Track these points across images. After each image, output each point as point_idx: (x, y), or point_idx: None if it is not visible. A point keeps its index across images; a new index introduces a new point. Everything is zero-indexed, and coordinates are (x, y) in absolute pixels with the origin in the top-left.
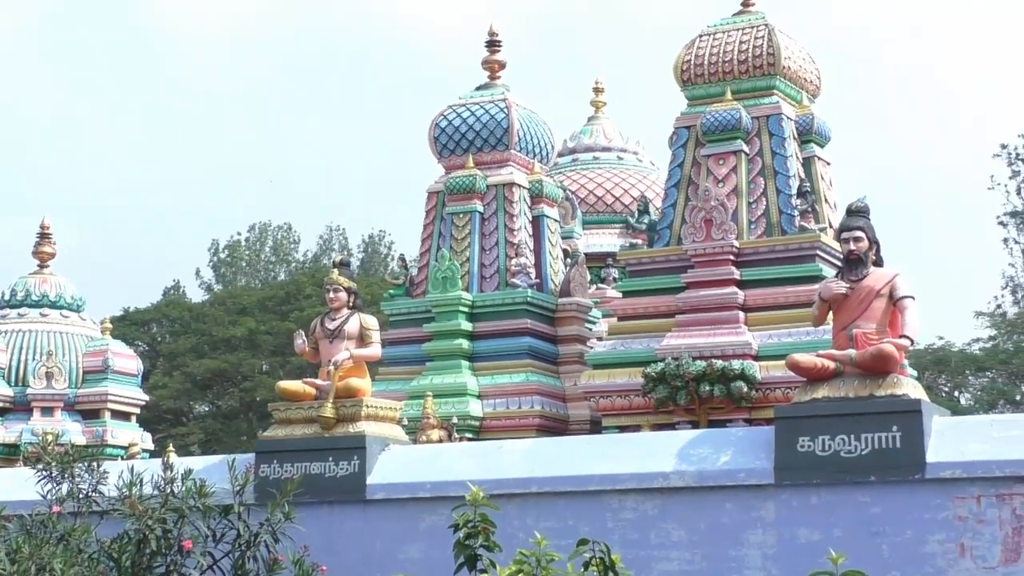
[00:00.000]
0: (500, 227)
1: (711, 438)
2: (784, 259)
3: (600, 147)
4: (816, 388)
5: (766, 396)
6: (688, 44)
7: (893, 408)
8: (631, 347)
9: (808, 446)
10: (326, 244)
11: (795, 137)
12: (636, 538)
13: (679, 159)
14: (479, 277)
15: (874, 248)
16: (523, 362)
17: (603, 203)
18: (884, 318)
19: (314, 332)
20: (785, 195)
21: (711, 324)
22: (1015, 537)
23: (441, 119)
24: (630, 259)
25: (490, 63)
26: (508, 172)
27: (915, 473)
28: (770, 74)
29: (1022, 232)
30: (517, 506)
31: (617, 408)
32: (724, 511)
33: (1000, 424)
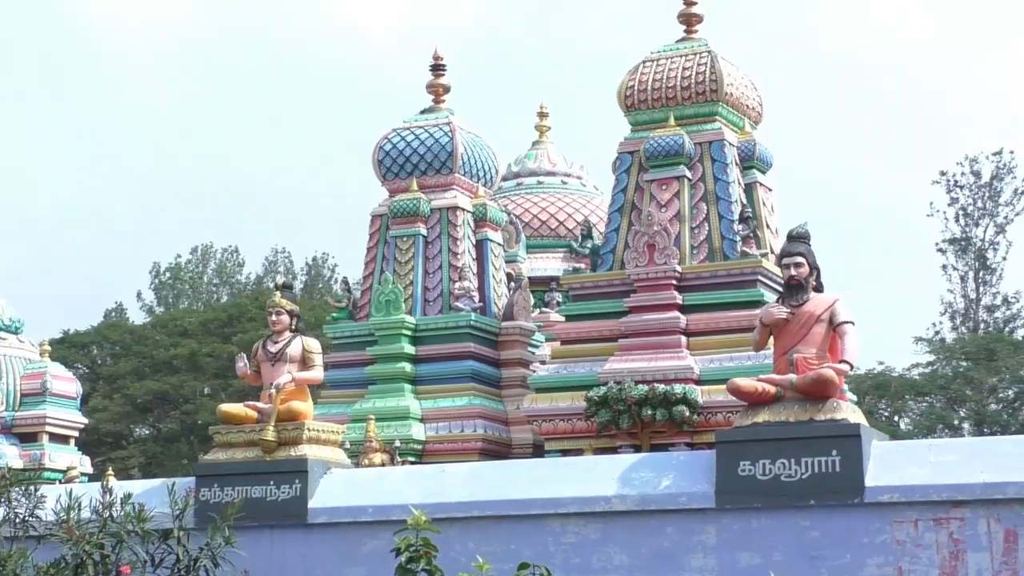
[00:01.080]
0: (444, 251)
1: (653, 462)
2: (726, 284)
3: (544, 171)
4: (757, 413)
5: (708, 420)
6: (631, 70)
7: (833, 432)
8: (574, 371)
9: (749, 470)
10: (271, 266)
11: (737, 163)
12: (578, 562)
13: (622, 184)
14: (422, 300)
15: (814, 274)
16: (466, 386)
17: (547, 227)
18: (824, 343)
19: (256, 355)
20: (727, 220)
21: (653, 348)
22: (952, 561)
23: (385, 142)
24: (573, 283)
25: (435, 87)
26: (452, 196)
27: (854, 497)
28: (713, 100)
29: (960, 259)
30: (459, 530)
31: (560, 432)
32: (665, 535)
33: (938, 449)
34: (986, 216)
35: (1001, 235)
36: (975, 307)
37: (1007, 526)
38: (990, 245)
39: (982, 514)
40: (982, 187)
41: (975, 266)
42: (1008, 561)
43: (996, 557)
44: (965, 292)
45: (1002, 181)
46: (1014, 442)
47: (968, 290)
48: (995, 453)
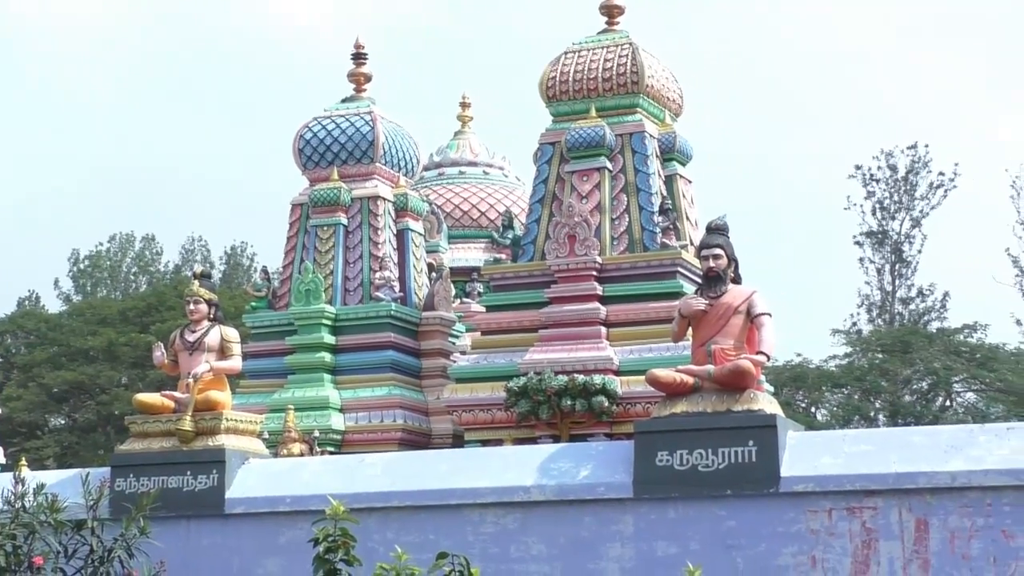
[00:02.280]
0: (364, 240)
1: (572, 452)
2: (646, 275)
3: (466, 162)
4: (675, 403)
5: (627, 411)
6: (553, 61)
7: (749, 423)
8: (494, 361)
9: (667, 460)
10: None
11: (658, 155)
12: (496, 552)
13: (543, 175)
14: (343, 290)
15: (733, 265)
16: (386, 376)
17: (469, 218)
18: (742, 334)
19: (173, 344)
20: (647, 212)
21: (573, 339)
22: (864, 550)
23: (306, 131)
24: (494, 274)
25: (356, 76)
26: (373, 185)
27: (770, 487)
28: (633, 92)
29: (877, 252)
30: (378, 520)
31: (479, 422)
32: (584, 525)
33: (852, 439)
34: (902, 210)
35: (917, 228)
36: (891, 300)
37: (918, 515)
38: (906, 238)
39: (894, 503)
40: (898, 181)
41: (891, 259)
42: (919, 550)
43: (907, 546)
44: (881, 285)
45: (917, 175)
46: (926, 433)
47: (884, 283)
48: (907, 444)
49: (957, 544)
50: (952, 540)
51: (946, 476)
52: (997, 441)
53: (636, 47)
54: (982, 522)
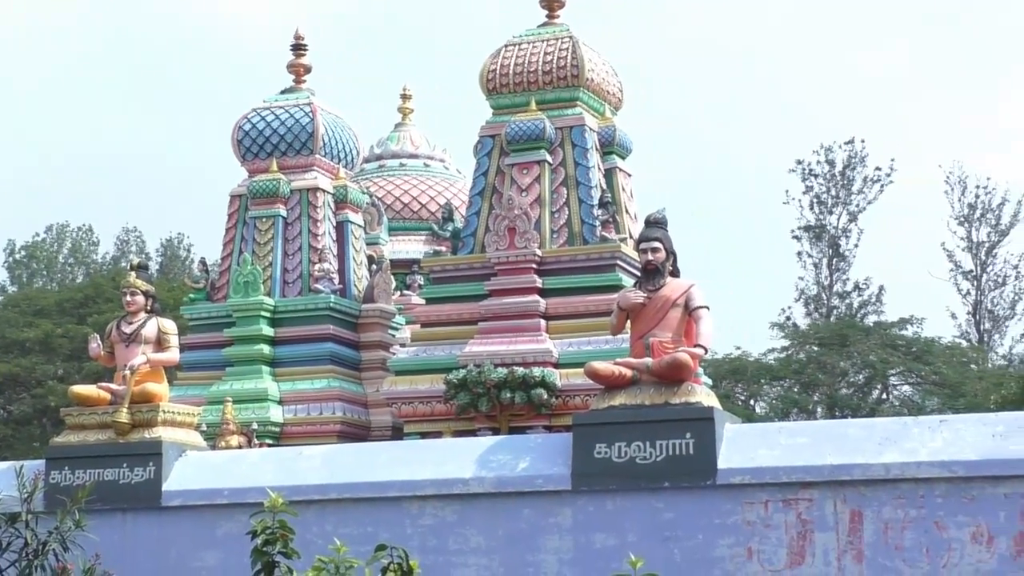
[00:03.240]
0: (304, 232)
1: (511, 444)
2: (585, 268)
3: (407, 154)
4: (613, 396)
5: (566, 403)
6: (493, 54)
7: (687, 416)
8: (434, 354)
9: (605, 453)
10: (123, 246)
11: (598, 148)
12: (435, 544)
13: (483, 167)
14: (282, 282)
15: (671, 259)
16: (325, 368)
17: (409, 210)
18: (680, 327)
19: (110, 336)
20: (587, 205)
21: (513, 332)
22: (800, 541)
23: (245, 122)
24: (434, 266)
25: (296, 67)
26: (313, 177)
27: (707, 479)
28: (574, 86)
29: (815, 246)
30: (316, 512)
31: (419, 414)
32: (522, 517)
33: (788, 431)
34: (839, 204)
35: (854, 223)
36: (828, 293)
37: (853, 507)
38: (843, 233)
39: (829, 495)
40: (835, 176)
41: (828, 253)
42: (853, 541)
43: (842, 537)
44: (819, 279)
45: (855, 170)
46: (861, 425)
47: (821, 277)
48: (843, 436)
49: (890, 535)
50: (886, 531)
51: (880, 468)
52: (930, 434)
53: (576, 40)
54: (915, 513)
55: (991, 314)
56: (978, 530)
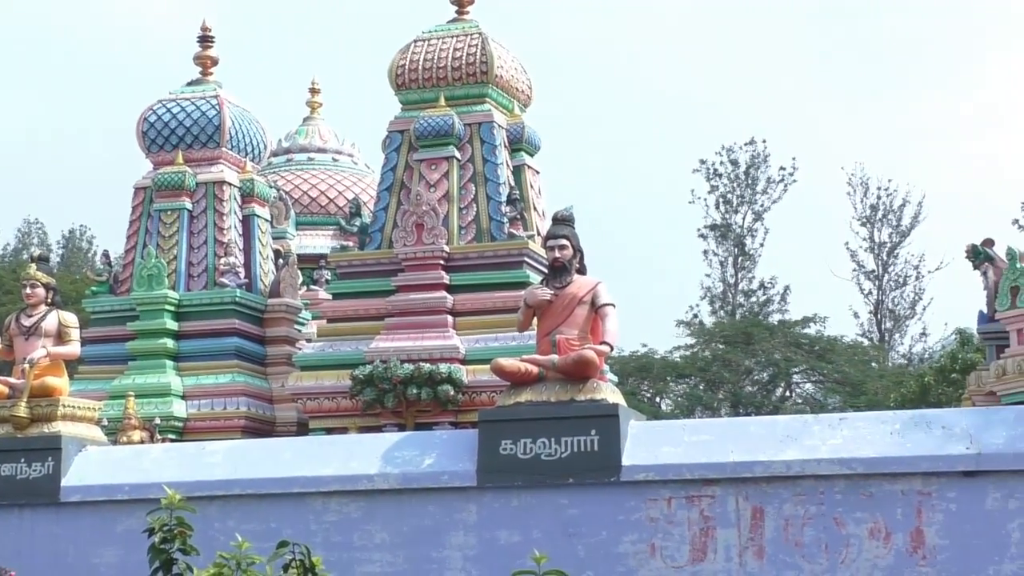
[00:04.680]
0: (209, 225)
1: (416, 441)
2: (493, 265)
3: (315, 148)
4: (520, 392)
5: (472, 400)
6: (403, 49)
7: (592, 412)
8: (340, 349)
9: (510, 449)
10: (24, 238)
11: (506, 145)
12: (339, 540)
13: (392, 163)
14: (186, 276)
15: (578, 256)
16: (230, 363)
17: (317, 204)
18: (586, 324)
19: (9, 329)
20: (495, 202)
21: (420, 328)
22: (702, 537)
23: (150, 114)
24: (341, 261)
25: (202, 59)
26: (219, 170)
27: (611, 476)
28: (483, 82)
29: (720, 245)
30: (219, 508)
31: (324, 410)
32: (427, 513)
33: (692, 429)
34: (744, 204)
35: (759, 222)
36: (733, 292)
37: (754, 503)
38: (748, 232)
39: (731, 492)
40: (740, 176)
41: (734, 252)
42: (754, 537)
43: (743, 533)
44: (724, 277)
45: (758, 170)
46: (762, 423)
47: (727, 275)
48: (745, 433)
49: (791, 531)
50: (786, 527)
51: (781, 465)
52: (830, 431)
53: (486, 37)
54: (815, 510)
55: (892, 314)
56: (876, 526)
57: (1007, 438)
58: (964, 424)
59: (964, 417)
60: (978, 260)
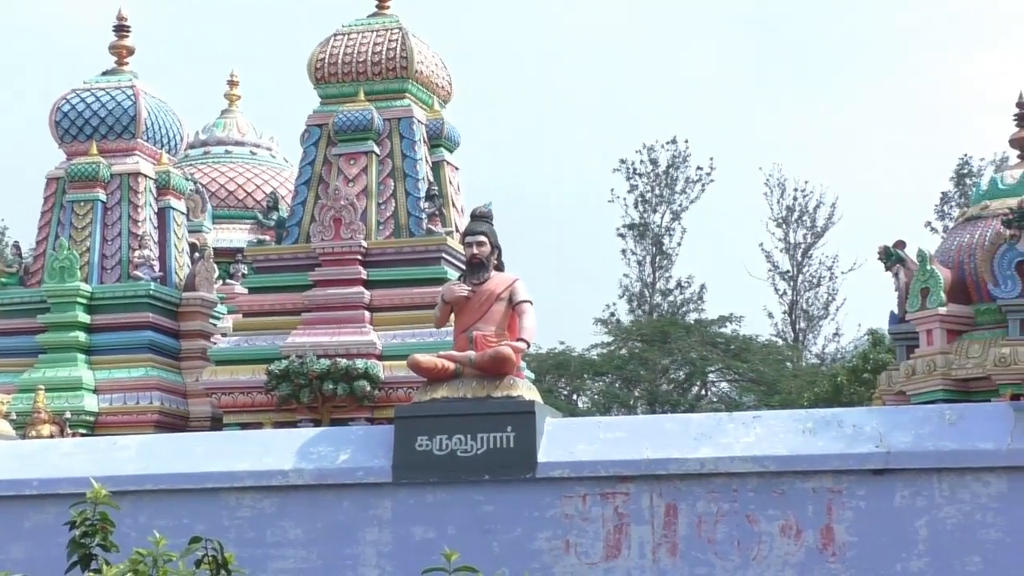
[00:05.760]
0: (124, 217)
1: (331, 436)
2: (411, 261)
3: (233, 141)
4: (436, 388)
5: (389, 395)
6: (322, 42)
7: (508, 409)
8: (255, 344)
9: (426, 445)
10: None
11: (425, 141)
12: (253, 536)
13: (310, 157)
14: (100, 268)
15: (496, 253)
16: (143, 356)
17: (234, 198)
18: (503, 321)
19: None
20: (414, 198)
21: (337, 323)
22: (616, 534)
23: (63, 103)
24: (257, 255)
25: (118, 48)
26: (134, 162)
27: (527, 472)
28: (403, 77)
29: (639, 244)
30: (130, 504)
31: (239, 405)
32: (342, 509)
33: (607, 426)
34: (663, 203)
35: (677, 222)
36: (651, 291)
37: (668, 500)
38: (666, 231)
39: (646, 489)
40: (659, 175)
41: (652, 251)
42: (668, 534)
43: (657, 530)
44: (642, 276)
45: (677, 170)
46: (677, 420)
47: (645, 274)
48: (660, 431)
49: (704, 528)
50: (699, 524)
51: (695, 463)
52: (744, 429)
53: (406, 32)
54: (728, 507)
55: (806, 314)
56: (787, 523)
57: (915, 437)
58: (874, 423)
59: (874, 416)
60: (890, 262)
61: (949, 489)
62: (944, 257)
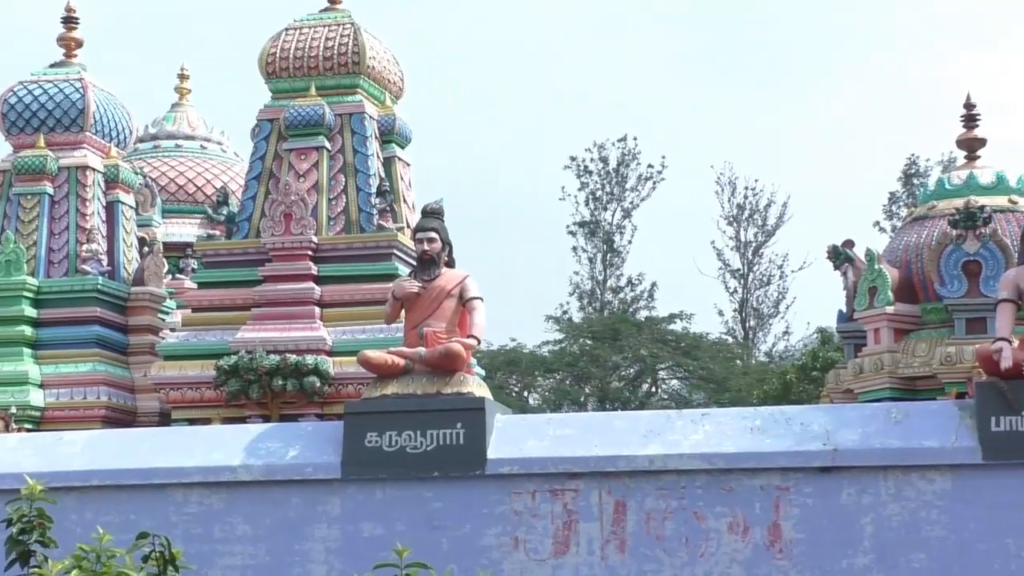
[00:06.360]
0: (71, 211)
1: (280, 432)
2: (361, 256)
3: (183, 135)
4: (386, 384)
5: (339, 392)
6: (273, 37)
7: (458, 406)
8: (205, 339)
9: (376, 441)
10: None
11: (377, 136)
12: (200, 532)
13: (261, 152)
14: (47, 262)
15: (447, 249)
16: (91, 351)
17: (184, 192)
18: (454, 318)
19: None
20: (365, 193)
21: (287, 319)
22: (565, 531)
23: (11, 95)
24: (207, 250)
25: (66, 40)
26: (82, 155)
27: (476, 469)
28: (354, 73)
29: (589, 241)
30: (76, 500)
31: (188, 400)
32: (291, 505)
33: (557, 423)
34: (614, 201)
35: (627, 219)
36: (602, 288)
37: (617, 497)
38: (617, 229)
39: (595, 486)
40: (610, 173)
41: (603, 249)
42: (616, 531)
43: (606, 527)
44: (593, 274)
45: (628, 167)
46: (626, 417)
47: (596, 272)
48: (609, 428)
49: (652, 525)
50: (648, 521)
51: (644, 460)
52: (692, 426)
53: (358, 27)
54: (676, 504)
55: (756, 312)
56: (735, 520)
57: (862, 435)
58: (821, 421)
59: (821, 414)
60: (838, 261)
61: (895, 487)
62: (892, 257)
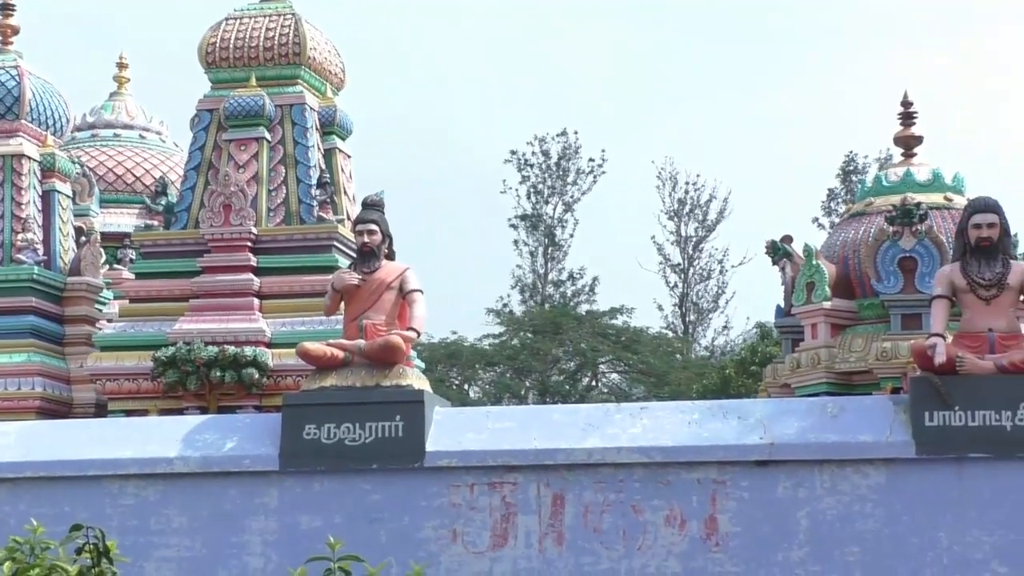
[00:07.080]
0: (7, 200)
1: (218, 424)
2: (301, 248)
3: (122, 124)
4: (325, 376)
5: (277, 383)
6: (214, 26)
7: (397, 398)
8: (142, 330)
9: (314, 433)
10: None
11: (318, 128)
12: (136, 524)
13: (200, 142)
14: None
15: (387, 241)
16: (25, 342)
17: (123, 182)
18: (394, 310)
19: None
20: (305, 185)
21: (225, 310)
22: (503, 524)
23: None
24: (145, 240)
25: (2, 27)
26: (17, 143)
27: (415, 462)
28: (295, 63)
29: (531, 235)
30: (9, 491)
31: (124, 392)
32: (228, 497)
33: (495, 416)
34: (555, 195)
35: (569, 213)
36: (543, 282)
37: (555, 490)
38: (558, 222)
39: (533, 479)
40: (551, 167)
41: (544, 242)
42: (554, 523)
43: (544, 519)
44: (534, 267)
45: (569, 161)
46: (565, 411)
47: (537, 265)
48: (548, 421)
49: (590, 518)
50: (586, 514)
51: (583, 453)
52: (631, 420)
53: (299, 18)
54: (614, 497)
55: (696, 307)
56: (672, 513)
57: (798, 429)
58: (759, 415)
59: (759, 408)
60: (777, 256)
61: (830, 480)
62: (829, 252)
